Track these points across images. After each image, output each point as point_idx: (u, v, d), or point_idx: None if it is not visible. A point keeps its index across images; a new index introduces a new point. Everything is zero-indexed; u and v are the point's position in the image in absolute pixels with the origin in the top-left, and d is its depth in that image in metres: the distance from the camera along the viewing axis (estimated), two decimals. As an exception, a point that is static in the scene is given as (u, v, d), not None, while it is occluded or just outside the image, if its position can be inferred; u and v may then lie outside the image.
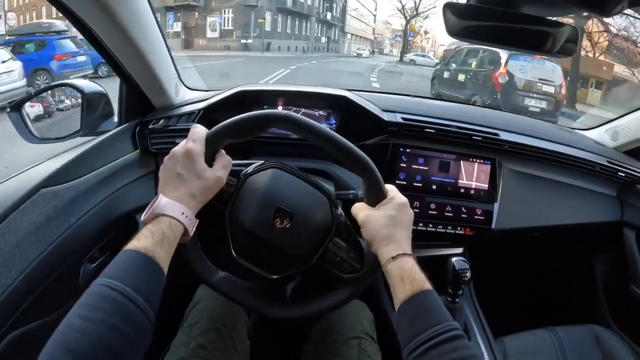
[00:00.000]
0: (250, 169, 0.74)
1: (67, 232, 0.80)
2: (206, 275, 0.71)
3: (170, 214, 0.58)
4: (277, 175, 0.73)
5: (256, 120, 0.69)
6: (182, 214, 0.59)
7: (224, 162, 0.68)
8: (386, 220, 0.65)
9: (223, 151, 0.70)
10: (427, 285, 0.59)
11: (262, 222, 0.69)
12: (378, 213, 0.67)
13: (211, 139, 0.67)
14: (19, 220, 0.73)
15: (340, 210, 0.74)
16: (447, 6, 0.77)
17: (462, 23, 0.91)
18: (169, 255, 0.56)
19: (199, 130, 0.67)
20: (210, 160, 0.67)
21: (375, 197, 0.69)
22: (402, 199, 0.69)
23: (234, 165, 0.71)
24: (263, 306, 0.72)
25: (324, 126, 0.70)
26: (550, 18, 0.80)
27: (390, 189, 0.71)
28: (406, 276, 0.59)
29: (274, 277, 0.71)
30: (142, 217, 0.58)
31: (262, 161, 0.75)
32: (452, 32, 0.90)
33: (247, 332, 0.90)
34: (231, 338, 0.84)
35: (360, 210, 0.69)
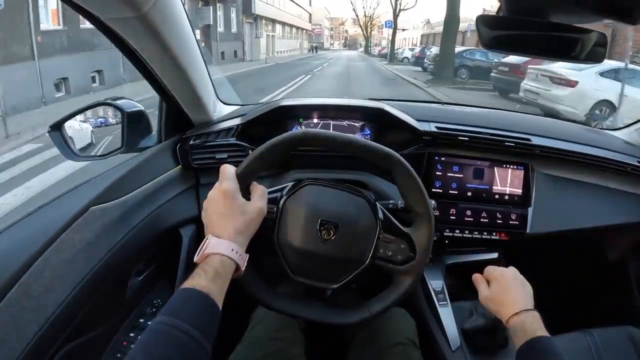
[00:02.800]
0: (285, 191, 0.76)
1: (115, 247, 0.82)
2: (270, 302, 0.74)
3: (220, 252, 0.61)
4: (312, 190, 0.76)
5: (277, 148, 0.72)
6: (232, 250, 0.62)
7: (260, 192, 0.71)
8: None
9: (256, 182, 0.72)
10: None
11: (310, 238, 0.71)
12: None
13: (242, 175, 0.70)
14: (71, 238, 0.76)
15: (380, 208, 0.76)
16: (479, 19, 0.80)
17: (493, 33, 0.93)
18: (223, 291, 0.59)
19: (229, 169, 0.70)
20: (246, 194, 0.70)
21: (412, 195, 0.73)
22: (508, 273, 0.80)
23: (269, 192, 0.73)
24: (331, 316, 0.75)
25: (342, 133, 0.73)
26: (578, 25, 0.82)
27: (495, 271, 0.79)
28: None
29: (335, 286, 0.73)
30: (195, 259, 0.62)
31: (293, 182, 0.78)
32: (486, 44, 0.92)
33: (304, 349, 0.91)
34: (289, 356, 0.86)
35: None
